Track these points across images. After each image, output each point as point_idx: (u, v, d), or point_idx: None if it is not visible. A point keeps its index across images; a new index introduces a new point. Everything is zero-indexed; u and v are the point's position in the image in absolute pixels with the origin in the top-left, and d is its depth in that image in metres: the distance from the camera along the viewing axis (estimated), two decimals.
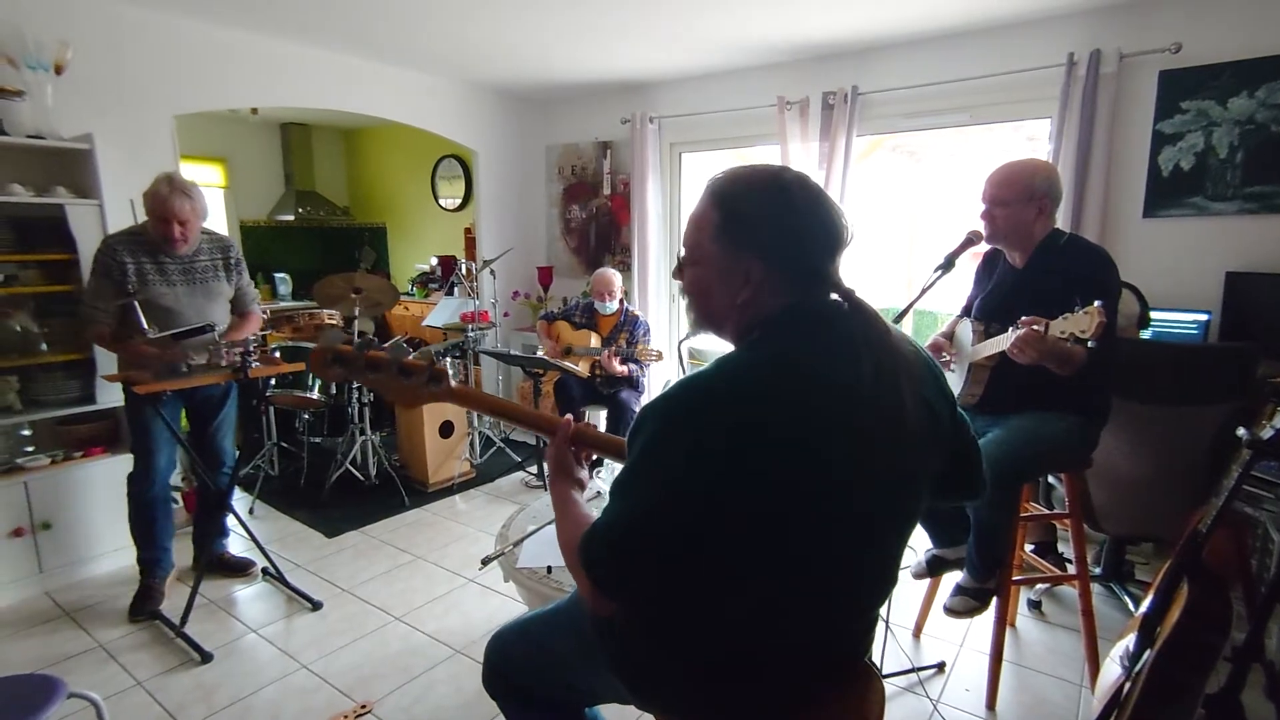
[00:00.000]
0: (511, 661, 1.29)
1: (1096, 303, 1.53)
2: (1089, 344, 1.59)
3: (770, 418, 0.87)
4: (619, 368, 3.69)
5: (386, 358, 1.20)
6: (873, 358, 0.92)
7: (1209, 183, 2.84)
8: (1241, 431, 1.45)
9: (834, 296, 0.98)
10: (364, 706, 2.06)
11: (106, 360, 2.72)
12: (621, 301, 3.94)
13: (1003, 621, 2.04)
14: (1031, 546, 2.79)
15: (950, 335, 2.16)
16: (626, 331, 3.87)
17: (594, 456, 1.26)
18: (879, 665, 2.13)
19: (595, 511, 1.03)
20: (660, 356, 3.77)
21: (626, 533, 0.92)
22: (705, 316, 1.05)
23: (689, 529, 0.89)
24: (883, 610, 2.09)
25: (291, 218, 6.11)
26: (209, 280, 2.58)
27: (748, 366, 0.93)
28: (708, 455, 0.87)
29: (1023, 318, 1.71)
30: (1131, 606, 2.54)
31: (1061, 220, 2.97)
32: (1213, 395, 2.23)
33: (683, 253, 1.05)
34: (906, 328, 3.69)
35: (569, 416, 1.23)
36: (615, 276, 3.90)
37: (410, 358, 1.21)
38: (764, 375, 0.91)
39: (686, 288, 1.06)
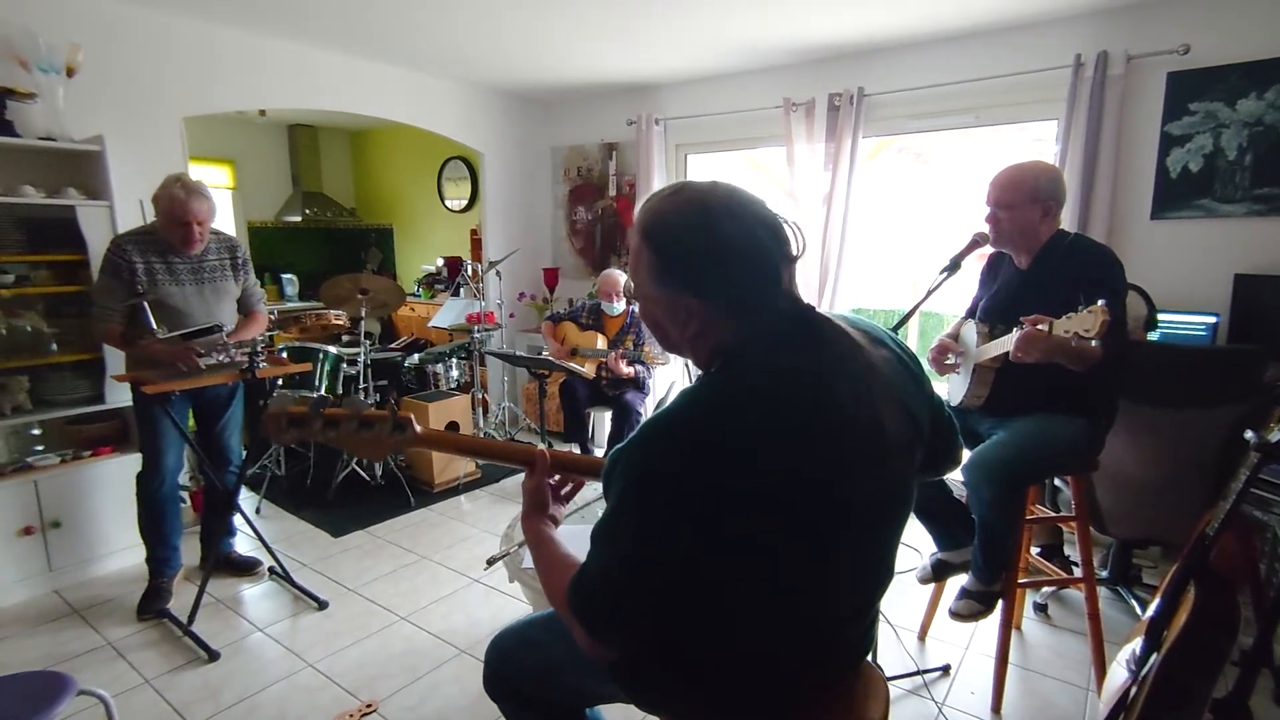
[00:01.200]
0: (512, 664, 1.29)
1: (1100, 301, 1.53)
2: (1093, 343, 1.59)
3: (745, 438, 0.85)
4: (626, 370, 3.70)
5: (345, 414, 1.15)
6: (843, 372, 0.91)
7: (1217, 184, 2.83)
8: (1249, 434, 1.44)
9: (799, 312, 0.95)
10: (369, 705, 2.07)
11: (115, 360, 2.74)
12: (628, 303, 3.95)
13: (1008, 624, 2.04)
14: (1037, 549, 2.78)
15: (955, 337, 2.16)
16: (633, 333, 3.88)
17: (568, 487, 1.25)
18: (882, 668, 2.12)
19: (587, 523, 1.02)
20: (667, 361, 3.78)
21: (616, 581, 0.91)
22: (666, 346, 1.04)
23: (680, 562, 0.88)
24: (887, 613, 2.08)
25: (299, 219, 6.15)
26: (217, 279, 2.60)
27: (712, 393, 0.91)
28: (686, 488, 0.85)
29: (1028, 316, 1.70)
30: (1138, 610, 2.53)
31: (1068, 222, 2.95)
32: (1221, 398, 2.22)
33: (630, 284, 1.04)
34: (912, 329, 3.69)
35: (542, 448, 1.20)
36: (622, 277, 3.90)
37: (369, 410, 1.15)
38: (730, 400, 0.88)
39: (641, 318, 1.04)
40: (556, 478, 1.22)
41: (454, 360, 4.52)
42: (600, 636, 0.94)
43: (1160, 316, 2.72)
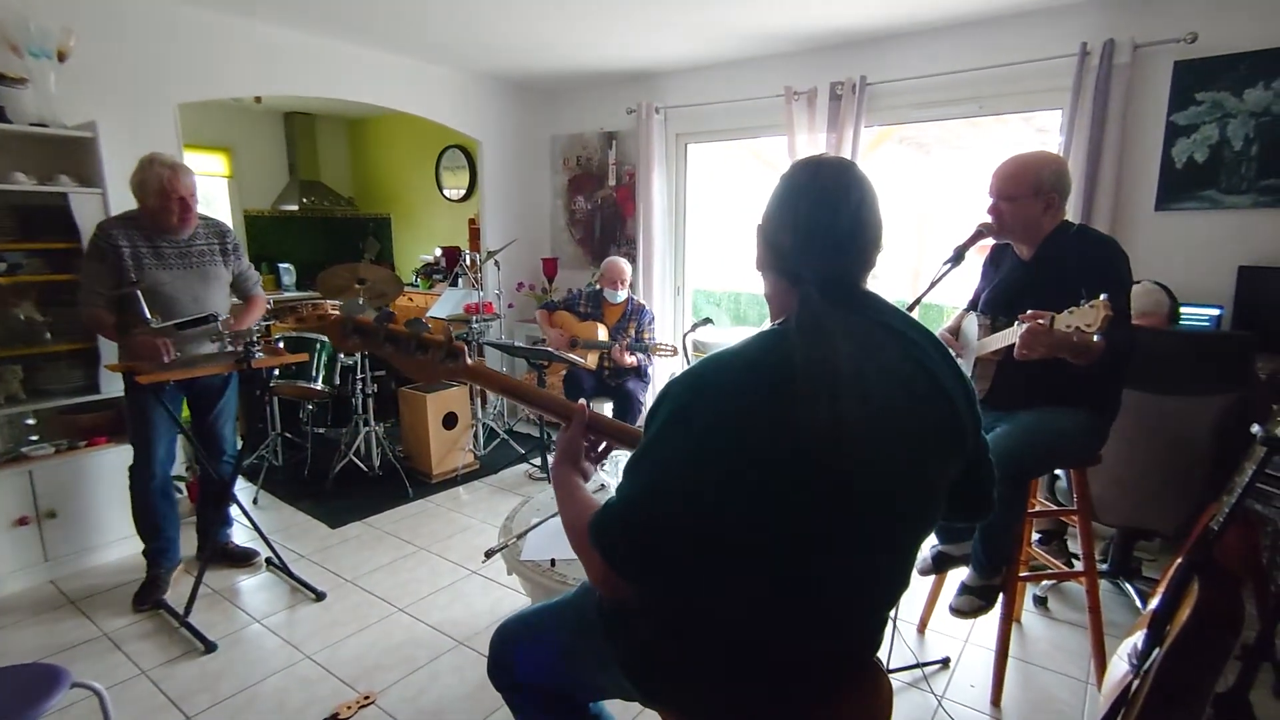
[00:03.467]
0: (516, 654, 1.29)
1: (1102, 296, 1.50)
2: (1094, 338, 1.57)
3: (788, 394, 0.87)
4: (629, 359, 3.68)
5: (406, 332, 1.23)
6: (892, 346, 0.94)
7: (1223, 175, 2.80)
8: (1255, 428, 1.43)
9: (861, 289, 1.01)
10: (368, 697, 2.06)
11: (109, 349, 2.71)
12: (630, 291, 3.93)
13: (1008, 617, 2.03)
14: (1037, 535, 2.77)
15: (956, 331, 2.14)
16: (634, 321, 3.86)
17: (601, 447, 1.25)
18: (882, 661, 2.12)
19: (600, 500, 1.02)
20: (675, 351, 3.76)
21: (645, 508, 0.91)
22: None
23: (707, 505, 0.88)
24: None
25: (295, 208, 6.09)
26: (206, 264, 2.57)
27: (768, 340, 0.94)
28: (727, 429, 0.86)
29: (1027, 311, 1.68)
30: (1139, 603, 2.52)
31: (1071, 213, 2.92)
32: (1208, 386, 2.20)
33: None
34: None
35: (584, 402, 1.23)
36: (626, 266, 3.89)
37: (428, 333, 1.23)
38: (782, 354, 0.91)
39: None
40: (591, 438, 1.23)
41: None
42: (621, 570, 0.94)
43: None
